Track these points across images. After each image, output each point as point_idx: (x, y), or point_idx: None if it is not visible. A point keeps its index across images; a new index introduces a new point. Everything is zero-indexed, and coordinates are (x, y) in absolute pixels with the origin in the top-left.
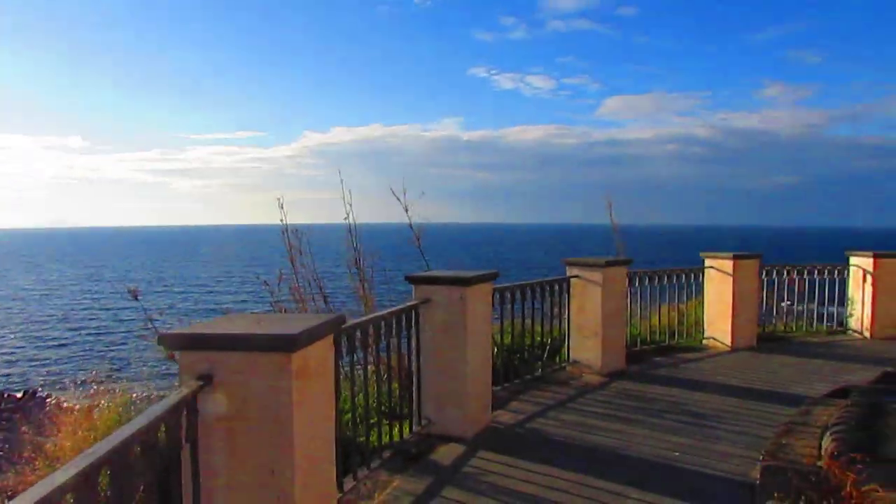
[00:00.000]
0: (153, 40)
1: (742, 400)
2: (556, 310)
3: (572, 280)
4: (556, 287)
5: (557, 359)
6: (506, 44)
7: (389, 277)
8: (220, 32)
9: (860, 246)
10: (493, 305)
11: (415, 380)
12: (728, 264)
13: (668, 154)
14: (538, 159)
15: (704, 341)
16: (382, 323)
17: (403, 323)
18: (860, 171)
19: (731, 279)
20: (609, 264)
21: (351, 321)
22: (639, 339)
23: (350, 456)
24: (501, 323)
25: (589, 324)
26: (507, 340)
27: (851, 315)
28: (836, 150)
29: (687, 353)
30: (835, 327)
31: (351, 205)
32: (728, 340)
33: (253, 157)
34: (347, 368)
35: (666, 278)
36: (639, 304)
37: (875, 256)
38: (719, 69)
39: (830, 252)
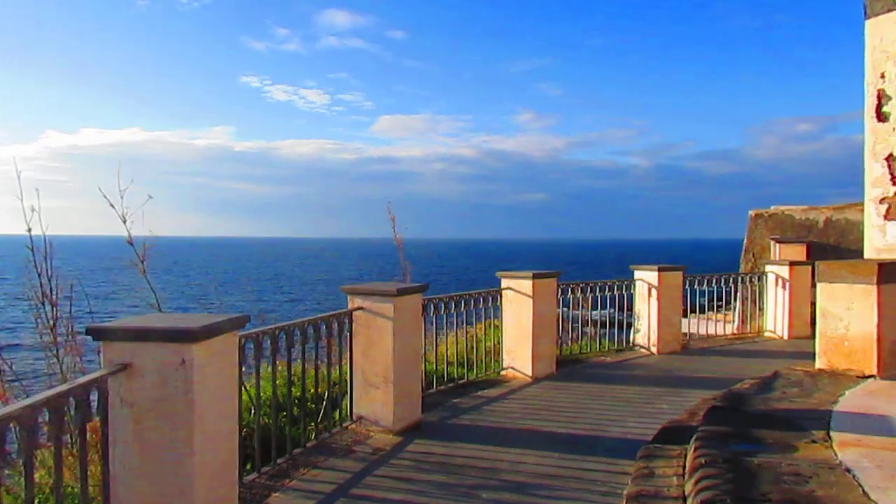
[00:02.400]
0: None
1: (562, 455)
2: (341, 351)
3: (356, 313)
4: (336, 324)
5: (339, 415)
6: (280, 55)
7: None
8: None
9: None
10: (242, 362)
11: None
12: (527, 285)
13: (437, 172)
14: (314, 173)
15: (503, 372)
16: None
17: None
18: (595, 190)
19: (530, 301)
20: (402, 292)
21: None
22: (434, 379)
23: None
24: (274, 370)
25: (377, 368)
26: (272, 393)
27: (638, 331)
28: (576, 171)
29: (488, 390)
30: (623, 344)
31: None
32: (529, 370)
33: None
34: None
35: (463, 304)
36: (434, 334)
37: (660, 270)
38: (480, 95)
39: (589, 266)
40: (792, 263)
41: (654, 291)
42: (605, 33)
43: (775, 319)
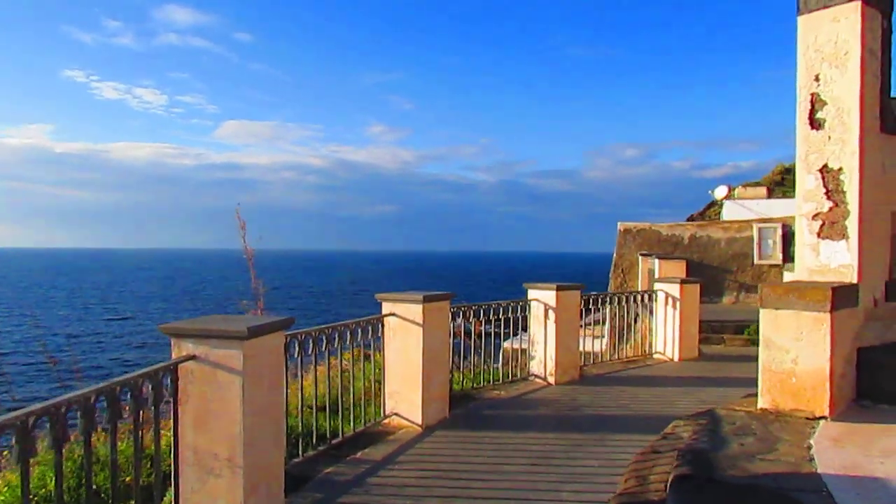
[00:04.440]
0: None
1: None
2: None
3: (184, 367)
4: (149, 388)
5: None
6: (110, 49)
7: None
8: None
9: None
10: None
11: None
12: (416, 310)
13: (286, 181)
14: (151, 179)
15: (386, 420)
16: None
17: None
18: (445, 203)
19: (420, 330)
20: (256, 332)
21: None
22: (300, 441)
23: None
24: None
25: (218, 447)
26: None
27: (533, 357)
28: (426, 185)
29: (370, 449)
30: (518, 375)
31: None
32: (418, 417)
33: None
34: None
35: (338, 338)
36: (298, 373)
37: (558, 289)
38: (331, 104)
39: (447, 280)
40: (683, 281)
41: (551, 313)
42: (456, 53)
43: (665, 341)
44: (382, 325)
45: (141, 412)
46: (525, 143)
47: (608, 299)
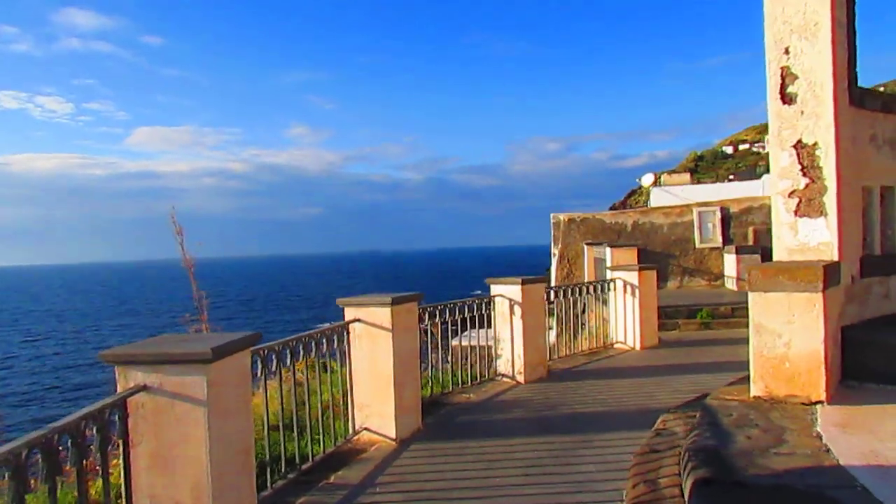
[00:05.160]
0: None
1: None
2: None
3: (133, 400)
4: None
5: None
6: (7, 56)
7: None
8: None
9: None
10: None
11: None
12: (384, 314)
13: (206, 187)
14: (56, 192)
15: (357, 436)
16: None
17: None
18: (373, 203)
19: (389, 336)
20: (220, 354)
21: None
22: (266, 469)
23: None
24: None
25: (177, 491)
26: None
27: (500, 356)
28: (352, 185)
29: (343, 471)
30: (486, 375)
31: None
32: (392, 430)
33: None
34: None
35: (302, 349)
36: (262, 391)
37: (523, 283)
38: (250, 108)
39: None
40: (642, 268)
41: (517, 309)
42: (370, 52)
43: (625, 329)
44: (347, 333)
45: (85, 462)
46: (449, 139)
47: (569, 290)
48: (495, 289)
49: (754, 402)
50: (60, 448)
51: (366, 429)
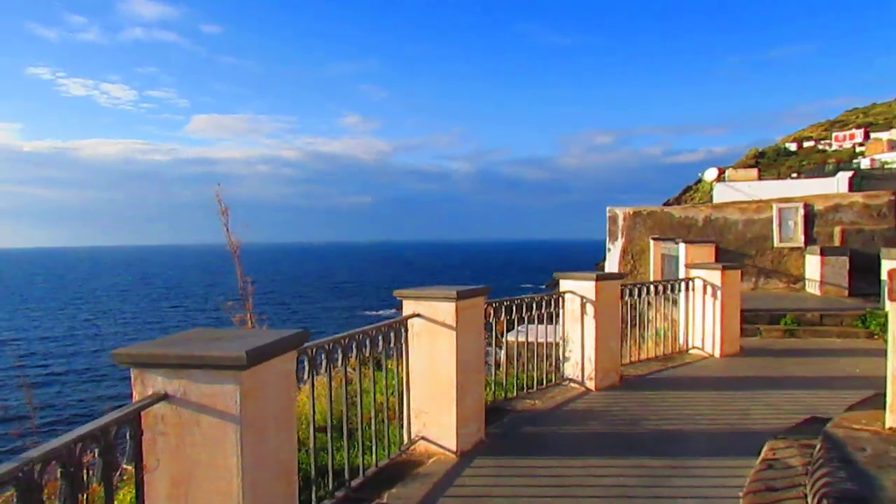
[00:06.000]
0: None
1: None
2: None
3: (150, 412)
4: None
5: None
6: (75, 45)
7: None
8: None
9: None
10: None
11: None
12: (447, 309)
13: (261, 174)
14: (122, 176)
15: (413, 447)
16: None
17: None
18: (422, 193)
19: (453, 334)
20: (257, 359)
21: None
22: (309, 483)
23: None
24: None
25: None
26: None
27: (568, 359)
28: (402, 175)
29: (399, 488)
30: (554, 379)
31: None
32: (452, 442)
33: None
34: None
35: (355, 348)
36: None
37: (598, 280)
38: (304, 96)
39: (433, 271)
40: (725, 267)
41: (589, 308)
42: (425, 41)
43: (703, 334)
44: (405, 329)
45: (82, 496)
46: (499, 130)
47: (643, 289)
48: (565, 284)
49: (892, 436)
50: (47, 478)
51: (423, 438)
